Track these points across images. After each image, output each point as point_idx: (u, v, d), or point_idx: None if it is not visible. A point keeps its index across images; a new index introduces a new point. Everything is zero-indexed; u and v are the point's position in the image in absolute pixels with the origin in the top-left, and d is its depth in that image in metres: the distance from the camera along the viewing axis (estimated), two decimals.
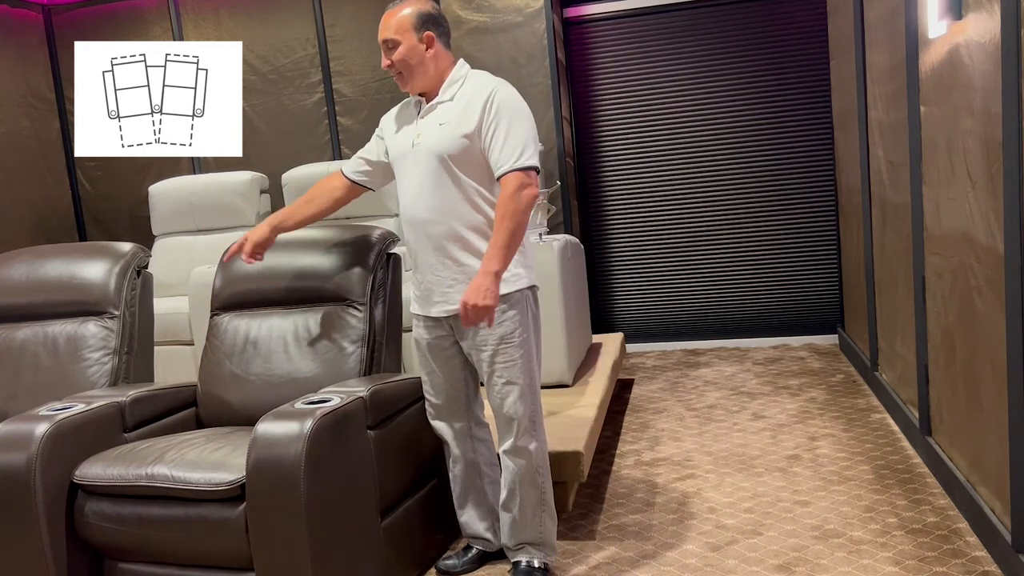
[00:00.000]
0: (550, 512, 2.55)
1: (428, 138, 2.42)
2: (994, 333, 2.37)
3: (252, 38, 5.30)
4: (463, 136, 2.38)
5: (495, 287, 2.30)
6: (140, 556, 2.36)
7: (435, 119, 2.44)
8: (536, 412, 2.48)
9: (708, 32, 5.21)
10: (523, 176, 2.33)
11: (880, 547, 2.59)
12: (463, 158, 2.39)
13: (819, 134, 5.16)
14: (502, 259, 2.31)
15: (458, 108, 2.41)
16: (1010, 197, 2.16)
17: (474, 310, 2.28)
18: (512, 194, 2.32)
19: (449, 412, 2.62)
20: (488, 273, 2.29)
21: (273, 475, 2.11)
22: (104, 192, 5.63)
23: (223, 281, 2.96)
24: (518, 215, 2.32)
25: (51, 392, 2.85)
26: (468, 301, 2.29)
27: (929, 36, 2.81)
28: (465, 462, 2.65)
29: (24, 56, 5.34)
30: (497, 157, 2.36)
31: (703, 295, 5.45)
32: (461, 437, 2.63)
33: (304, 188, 4.62)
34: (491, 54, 4.84)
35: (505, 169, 2.34)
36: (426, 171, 2.43)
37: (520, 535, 2.54)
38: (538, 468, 2.49)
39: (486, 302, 2.28)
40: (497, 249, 2.31)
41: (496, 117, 2.36)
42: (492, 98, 2.38)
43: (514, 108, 2.38)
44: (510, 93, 2.41)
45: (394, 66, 2.45)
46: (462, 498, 2.68)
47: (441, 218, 2.42)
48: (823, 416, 3.86)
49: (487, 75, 2.48)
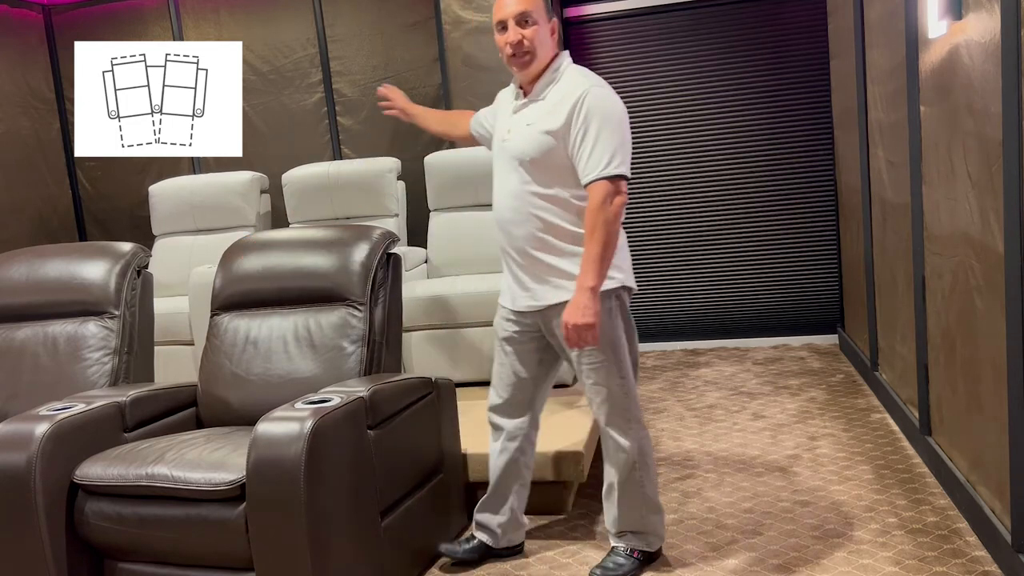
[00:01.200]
0: (652, 503, 2.54)
1: (515, 138, 2.41)
2: (994, 333, 2.37)
3: (252, 38, 5.29)
4: (547, 135, 2.33)
5: (593, 303, 2.26)
6: (140, 556, 2.36)
7: (524, 119, 2.41)
8: (629, 410, 2.46)
9: (708, 32, 5.21)
10: (611, 185, 2.27)
11: (880, 547, 2.59)
12: (545, 161, 2.35)
13: (819, 134, 5.15)
14: (597, 272, 2.27)
15: (547, 108, 2.36)
16: (1010, 197, 2.16)
17: (575, 329, 2.27)
18: (600, 204, 2.26)
19: (508, 407, 2.63)
20: (584, 289, 2.27)
21: (273, 475, 2.11)
22: (104, 192, 5.63)
23: (223, 281, 2.96)
24: (608, 225, 2.26)
25: (51, 392, 2.85)
26: (568, 321, 2.28)
27: (929, 36, 2.81)
28: (509, 458, 2.65)
29: (24, 56, 5.33)
30: (584, 165, 2.30)
31: (703, 295, 5.45)
32: (514, 433, 2.64)
33: (304, 188, 4.64)
34: (491, 54, 4.83)
35: (592, 177, 2.28)
36: (509, 171, 2.42)
37: (620, 524, 2.56)
38: (634, 463, 2.48)
39: (586, 320, 2.26)
40: (590, 263, 2.27)
41: (585, 121, 2.29)
42: (582, 101, 2.30)
43: (605, 112, 2.29)
44: (602, 95, 2.32)
45: (523, 43, 2.36)
46: (494, 489, 2.69)
47: (522, 219, 2.41)
48: (823, 416, 3.86)
49: (583, 74, 2.39)
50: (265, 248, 2.97)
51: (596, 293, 2.27)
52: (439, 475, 2.83)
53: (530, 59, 2.39)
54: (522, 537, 2.79)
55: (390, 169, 4.59)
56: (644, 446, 2.51)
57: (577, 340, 2.28)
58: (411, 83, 5.10)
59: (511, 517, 2.70)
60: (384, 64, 5.12)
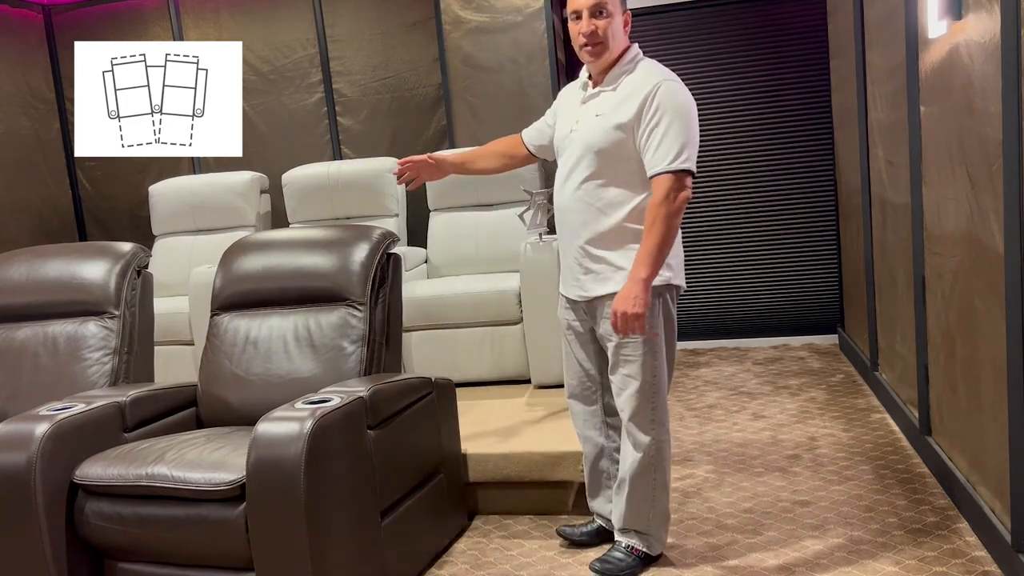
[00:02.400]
0: (660, 511, 2.54)
1: (583, 127, 2.41)
2: (994, 333, 2.37)
3: (252, 38, 5.29)
4: (617, 127, 2.33)
5: (644, 294, 2.27)
6: (140, 556, 2.36)
7: (594, 108, 2.42)
8: (657, 410, 2.46)
9: (708, 32, 5.21)
10: (675, 179, 2.27)
11: (880, 547, 2.59)
12: (613, 152, 2.35)
13: (819, 134, 5.15)
14: (652, 265, 2.28)
15: (618, 98, 2.36)
16: (1010, 197, 2.16)
17: (623, 318, 2.29)
18: (664, 198, 2.26)
19: (581, 395, 2.65)
20: (637, 280, 2.28)
21: (273, 475, 2.11)
22: (104, 192, 5.63)
23: (223, 281, 2.96)
24: (670, 219, 2.27)
25: (51, 392, 2.85)
26: (618, 309, 2.29)
27: (929, 36, 2.81)
28: (593, 445, 2.67)
29: (24, 56, 5.33)
30: (651, 157, 2.30)
31: (703, 295, 5.45)
32: (591, 421, 2.66)
33: (304, 188, 4.64)
34: (491, 54, 4.84)
35: (658, 170, 2.28)
36: (576, 161, 2.42)
37: (626, 522, 2.56)
38: (651, 463, 2.48)
39: (635, 310, 2.27)
40: (646, 254, 2.28)
41: (656, 114, 2.29)
42: (654, 93, 2.30)
43: (676, 106, 2.29)
44: (674, 89, 2.32)
45: (597, 34, 2.37)
46: (591, 479, 2.71)
47: (582, 209, 2.42)
48: (823, 416, 3.86)
49: (656, 67, 2.39)
50: (265, 248, 2.97)
51: (648, 285, 2.28)
52: (439, 475, 2.83)
53: (602, 50, 2.39)
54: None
55: (390, 169, 4.59)
56: (663, 450, 2.49)
57: (624, 328, 2.30)
58: (411, 83, 5.10)
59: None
60: (384, 64, 5.12)
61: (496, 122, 4.84)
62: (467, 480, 3.06)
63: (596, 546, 2.74)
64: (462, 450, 3.05)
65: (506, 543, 2.88)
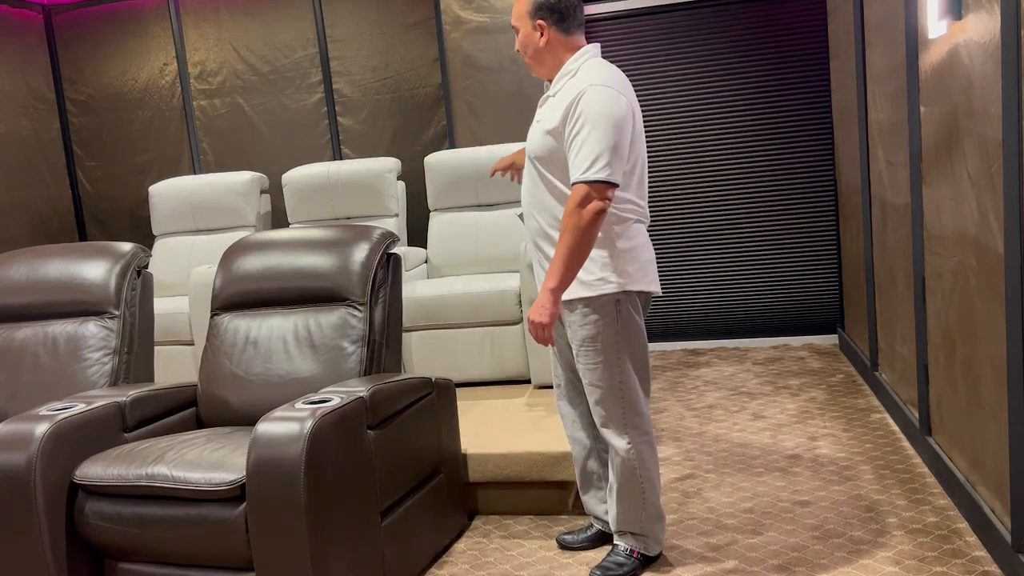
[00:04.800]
0: (652, 510, 2.54)
1: (530, 134, 2.44)
2: (994, 333, 2.37)
3: (252, 38, 5.29)
4: (548, 133, 2.34)
5: (551, 304, 2.28)
6: (140, 556, 2.36)
7: (539, 115, 2.44)
8: (627, 413, 2.45)
9: (708, 32, 5.21)
10: (588, 189, 2.22)
11: (880, 547, 2.59)
12: (550, 158, 2.36)
13: (819, 134, 5.15)
14: (559, 276, 2.26)
15: (555, 104, 2.36)
16: (1010, 197, 2.16)
17: (532, 327, 2.31)
18: (573, 208, 2.23)
19: (567, 396, 2.68)
20: (545, 290, 2.29)
21: (273, 475, 2.11)
22: (104, 192, 5.63)
23: (223, 281, 2.96)
24: (577, 231, 2.23)
25: (51, 392, 2.85)
26: (529, 317, 2.32)
27: (929, 36, 2.81)
28: (582, 446, 2.69)
29: (24, 56, 5.34)
30: (571, 164, 2.28)
31: (703, 295, 5.45)
32: (579, 422, 2.68)
33: (304, 188, 4.65)
34: (491, 54, 4.84)
35: (574, 179, 2.26)
36: (528, 167, 2.46)
37: (621, 524, 2.57)
38: (634, 468, 2.48)
39: (539, 319, 2.28)
40: (555, 265, 2.27)
41: (577, 121, 2.26)
42: (579, 100, 2.27)
43: (596, 112, 2.24)
44: (599, 95, 2.26)
45: (519, 51, 2.46)
46: (581, 479, 2.73)
47: (535, 214, 2.45)
48: (823, 416, 3.86)
49: (593, 70, 2.33)
50: (265, 248, 2.97)
51: (556, 295, 2.28)
52: (439, 475, 2.83)
53: (529, 65, 2.48)
54: None
55: (390, 169, 4.59)
56: (643, 452, 2.49)
57: (534, 335, 2.33)
58: (411, 83, 5.10)
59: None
60: (384, 64, 5.12)
61: (496, 122, 4.85)
62: (467, 480, 3.06)
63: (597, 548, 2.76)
64: (462, 450, 3.05)
65: (506, 543, 2.88)
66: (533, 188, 2.44)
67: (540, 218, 2.44)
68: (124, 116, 5.51)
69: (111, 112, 5.52)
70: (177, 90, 5.41)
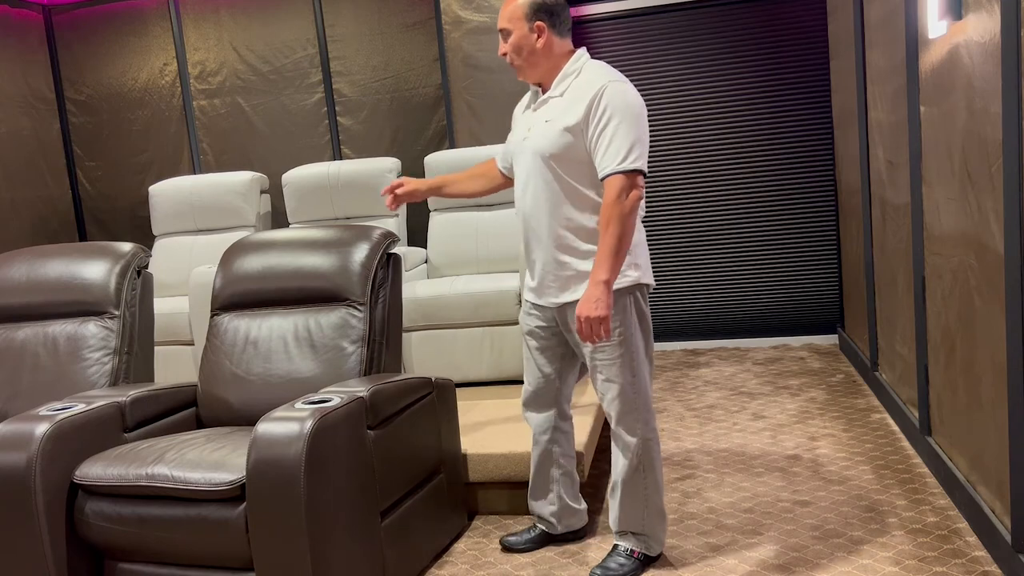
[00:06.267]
0: (655, 509, 2.55)
1: (535, 135, 2.43)
2: (994, 333, 2.37)
3: (252, 38, 5.30)
4: (565, 131, 2.35)
5: (606, 296, 2.28)
6: (140, 556, 2.36)
7: (543, 115, 2.44)
8: (641, 410, 2.47)
9: (708, 32, 5.21)
10: (626, 179, 2.27)
11: (880, 547, 2.59)
12: (565, 156, 2.37)
13: (819, 134, 5.16)
14: (611, 267, 2.28)
15: (566, 103, 2.38)
16: (1010, 197, 2.16)
17: (587, 322, 2.29)
18: (615, 198, 2.26)
19: (536, 401, 2.69)
20: (598, 283, 2.28)
21: (273, 475, 2.11)
22: (104, 192, 5.63)
23: (223, 281, 2.96)
24: (623, 219, 2.26)
25: (51, 392, 2.85)
26: (581, 314, 2.29)
27: (929, 36, 2.81)
28: (543, 449, 2.72)
29: (24, 56, 5.34)
30: (601, 158, 2.31)
31: (703, 295, 5.45)
32: (543, 426, 2.70)
33: (304, 188, 4.65)
34: (491, 54, 4.84)
35: (609, 171, 2.29)
36: (532, 168, 2.44)
37: (623, 524, 2.58)
38: (641, 464, 2.49)
39: (598, 313, 2.27)
40: (604, 256, 2.28)
41: (603, 116, 2.30)
42: (600, 95, 2.31)
43: (623, 106, 2.30)
44: (620, 90, 2.32)
45: (507, 56, 2.44)
46: (534, 480, 2.77)
47: (544, 215, 2.44)
48: (823, 416, 3.86)
49: (602, 69, 2.40)
50: (265, 248, 2.97)
51: (610, 287, 2.28)
52: (439, 475, 2.83)
53: (520, 69, 2.47)
54: (582, 522, 2.83)
55: (390, 169, 4.59)
56: (651, 448, 2.50)
57: (590, 334, 2.30)
58: (411, 83, 5.10)
59: (562, 505, 2.76)
60: (384, 64, 5.13)
61: (496, 122, 4.84)
62: (467, 480, 3.06)
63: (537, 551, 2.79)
64: (462, 450, 3.05)
65: None
66: (545, 190, 2.42)
67: (552, 220, 2.42)
68: (124, 116, 5.51)
69: (111, 112, 5.52)
70: (177, 90, 5.41)
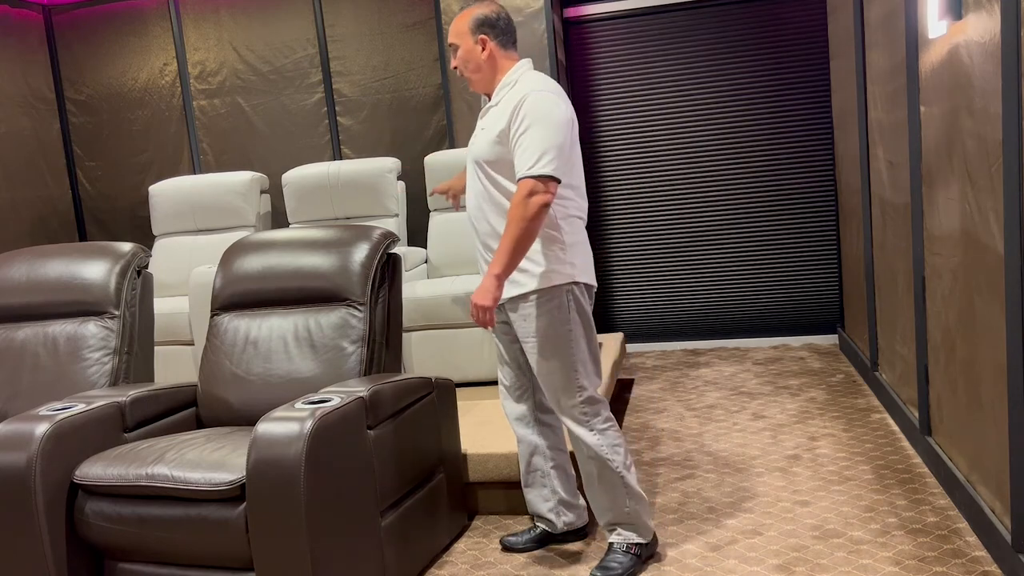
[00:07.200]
0: (634, 492, 2.57)
1: (475, 141, 2.58)
2: (994, 333, 2.37)
3: (252, 38, 5.30)
4: (495, 140, 2.47)
5: (494, 289, 2.39)
6: (140, 556, 2.36)
7: (482, 123, 2.57)
8: (586, 403, 2.53)
9: (708, 32, 5.21)
10: (534, 183, 2.36)
11: (880, 547, 2.59)
12: (498, 163, 2.49)
13: (819, 134, 5.16)
14: (504, 263, 2.39)
15: (499, 112, 2.50)
16: (1010, 197, 2.16)
17: (474, 309, 2.41)
18: (519, 201, 2.36)
19: (513, 394, 2.75)
20: (490, 275, 2.40)
21: (273, 475, 2.11)
22: (104, 192, 5.63)
23: (223, 281, 2.96)
24: (522, 221, 2.35)
25: (51, 392, 2.85)
26: (472, 300, 2.42)
27: (929, 36, 2.81)
28: (528, 443, 2.76)
29: (24, 56, 5.34)
30: (517, 163, 2.41)
31: (703, 295, 5.45)
32: (524, 420, 2.75)
33: (304, 188, 4.64)
34: None
35: (520, 175, 2.39)
36: (473, 172, 2.59)
37: (606, 516, 2.60)
38: (599, 455, 2.53)
39: (484, 302, 2.39)
40: (500, 253, 2.39)
41: (522, 123, 2.40)
42: (522, 103, 2.42)
43: (542, 115, 2.39)
44: (540, 99, 2.42)
45: (458, 68, 2.57)
46: (526, 477, 2.79)
47: (483, 217, 2.56)
48: (823, 416, 3.86)
49: (534, 79, 2.50)
50: (265, 248, 2.97)
51: (500, 281, 2.39)
52: (439, 475, 2.83)
53: (469, 80, 2.59)
54: (582, 520, 2.83)
55: (390, 169, 4.60)
56: (611, 437, 2.54)
57: (476, 317, 2.41)
58: (411, 83, 5.10)
59: (559, 499, 2.77)
60: (384, 64, 5.13)
61: None
62: (467, 480, 3.06)
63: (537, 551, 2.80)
64: (462, 450, 3.05)
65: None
66: (481, 192, 2.56)
67: (491, 218, 2.54)
68: (124, 116, 5.51)
69: (111, 112, 5.52)
70: (177, 90, 5.41)
